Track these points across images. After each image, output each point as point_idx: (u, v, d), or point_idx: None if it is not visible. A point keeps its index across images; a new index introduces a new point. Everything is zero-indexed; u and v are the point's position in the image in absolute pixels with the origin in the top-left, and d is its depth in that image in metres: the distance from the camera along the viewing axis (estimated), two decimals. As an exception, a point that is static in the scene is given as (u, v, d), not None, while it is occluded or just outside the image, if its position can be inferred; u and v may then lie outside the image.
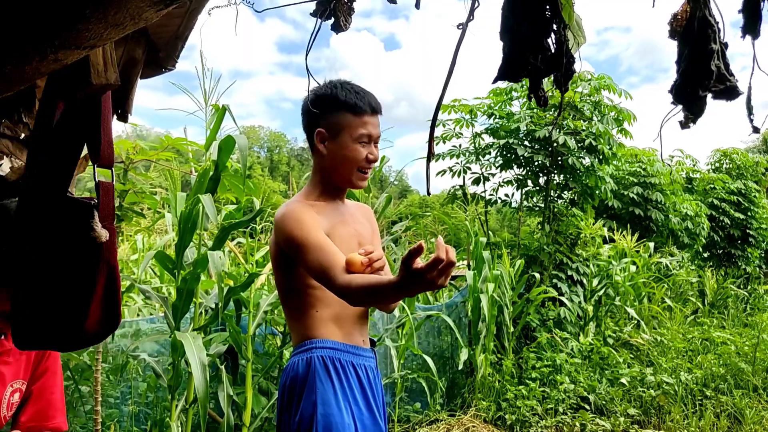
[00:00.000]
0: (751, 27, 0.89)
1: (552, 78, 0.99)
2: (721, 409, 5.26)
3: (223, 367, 3.41)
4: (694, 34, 0.91)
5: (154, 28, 1.54)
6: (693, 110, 0.90)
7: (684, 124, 0.92)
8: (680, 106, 0.90)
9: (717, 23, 0.94)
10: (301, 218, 1.77)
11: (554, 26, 0.97)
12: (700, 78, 0.89)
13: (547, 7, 0.96)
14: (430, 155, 1.04)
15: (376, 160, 1.97)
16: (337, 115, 1.91)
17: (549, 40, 0.98)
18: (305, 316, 1.86)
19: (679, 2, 1.02)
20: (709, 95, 0.89)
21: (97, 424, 3.09)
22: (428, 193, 1.14)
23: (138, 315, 4.66)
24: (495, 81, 1.02)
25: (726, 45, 0.94)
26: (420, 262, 1.31)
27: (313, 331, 1.84)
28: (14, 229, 1.31)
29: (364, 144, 1.92)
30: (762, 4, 0.90)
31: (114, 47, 1.32)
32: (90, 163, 1.42)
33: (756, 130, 0.93)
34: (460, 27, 1.05)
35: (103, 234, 1.23)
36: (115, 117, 1.55)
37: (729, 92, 0.89)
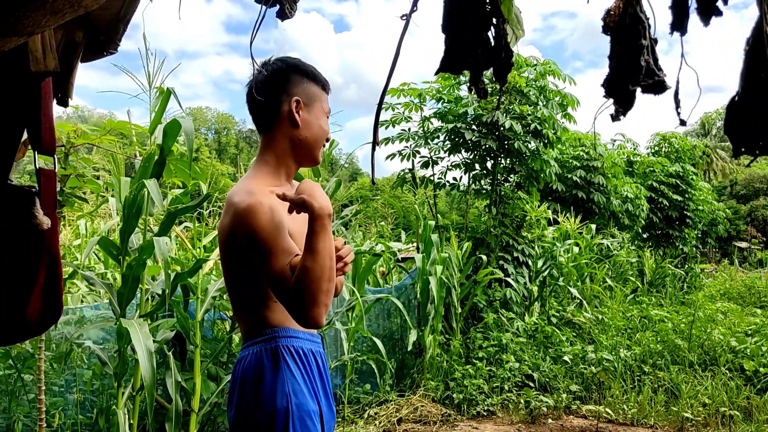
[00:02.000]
0: (678, 24, 0.93)
1: (492, 71, 1.02)
2: (658, 385, 5.49)
3: (170, 353, 3.38)
4: (626, 30, 0.96)
5: (94, 10, 1.50)
6: (623, 104, 0.94)
7: (614, 117, 0.97)
8: (612, 100, 0.95)
9: (648, 19, 0.99)
10: (269, 221, 1.64)
11: (494, 20, 1.00)
12: (630, 73, 0.94)
13: (487, 1, 0.99)
14: (375, 145, 1.06)
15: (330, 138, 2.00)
16: (309, 85, 1.86)
17: (489, 34, 1.02)
18: (263, 305, 1.75)
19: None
20: (639, 89, 0.94)
21: (41, 413, 3.03)
22: (373, 183, 1.16)
23: (82, 302, 4.56)
24: (437, 73, 1.04)
25: (656, 41, 0.99)
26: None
27: (274, 320, 1.75)
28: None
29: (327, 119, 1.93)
30: (689, 1, 0.95)
31: (53, 32, 1.29)
32: (29, 148, 1.39)
33: (683, 122, 0.98)
34: (404, 18, 1.07)
35: (45, 221, 1.22)
36: (54, 101, 1.51)
37: (657, 87, 0.94)
